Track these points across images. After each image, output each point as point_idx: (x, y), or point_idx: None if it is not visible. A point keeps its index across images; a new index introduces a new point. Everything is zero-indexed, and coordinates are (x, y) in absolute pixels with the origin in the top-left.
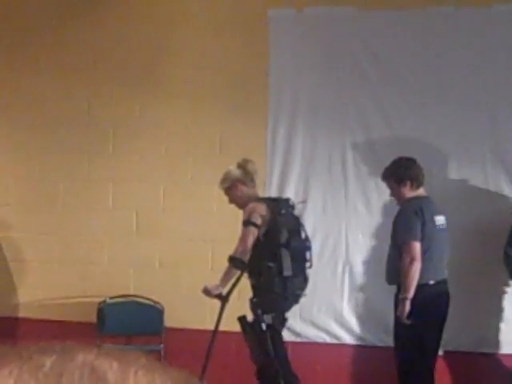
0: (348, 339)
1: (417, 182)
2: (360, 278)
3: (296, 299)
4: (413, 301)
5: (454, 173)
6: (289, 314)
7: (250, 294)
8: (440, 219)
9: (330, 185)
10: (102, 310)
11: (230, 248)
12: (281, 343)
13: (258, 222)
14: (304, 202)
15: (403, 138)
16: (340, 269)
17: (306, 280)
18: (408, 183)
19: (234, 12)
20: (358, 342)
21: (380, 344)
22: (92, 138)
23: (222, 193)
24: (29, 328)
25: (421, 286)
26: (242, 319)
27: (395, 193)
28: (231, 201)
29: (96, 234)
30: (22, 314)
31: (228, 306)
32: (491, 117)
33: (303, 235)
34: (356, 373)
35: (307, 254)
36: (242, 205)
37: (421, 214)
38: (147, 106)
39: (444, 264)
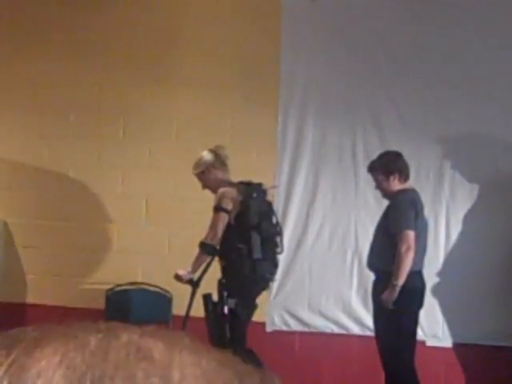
0: (356, 329)
1: (405, 174)
2: None
3: (265, 284)
4: (401, 287)
5: (463, 164)
6: (297, 304)
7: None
8: (425, 212)
9: (339, 175)
10: (111, 297)
11: None
12: (241, 330)
13: (229, 207)
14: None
15: (414, 129)
16: (349, 259)
17: (275, 265)
18: (397, 176)
19: None
20: (366, 333)
21: None
22: (102, 124)
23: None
24: (37, 314)
25: (409, 274)
26: (206, 297)
27: (383, 185)
28: (204, 186)
29: (105, 220)
30: (30, 299)
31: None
32: (504, 107)
33: (274, 220)
34: (364, 363)
35: (277, 239)
36: (215, 189)
37: (415, 205)
38: (158, 93)
39: (424, 256)
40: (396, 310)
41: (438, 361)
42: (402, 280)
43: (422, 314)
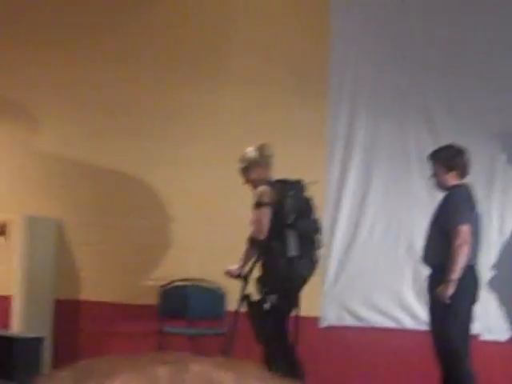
0: (411, 324)
1: (464, 172)
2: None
3: (303, 280)
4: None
5: None
6: (351, 299)
7: None
8: (479, 208)
9: (391, 171)
10: (165, 292)
11: None
12: (284, 324)
13: (270, 201)
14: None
15: (466, 124)
16: (402, 253)
17: (313, 261)
18: (456, 172)
19: None
20: (421, 327)
21: None
22: (153, 124)
23: None
24: (92, 310)
25: (464, 268)
26: (246, 298)
27: (440, 178)
28: (246, 181)
29: (159, 217)
30: (84, 296)
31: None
32: None
33: (313, 217)
34: (418, 358)
35: (316, 236)
36: (255, 186)
37: (470, 200)
38: (209, 90)
39: (479, 251)
40: (451, 304)
41: (492, 355)
42: (457, 274)
43: (477, 308)
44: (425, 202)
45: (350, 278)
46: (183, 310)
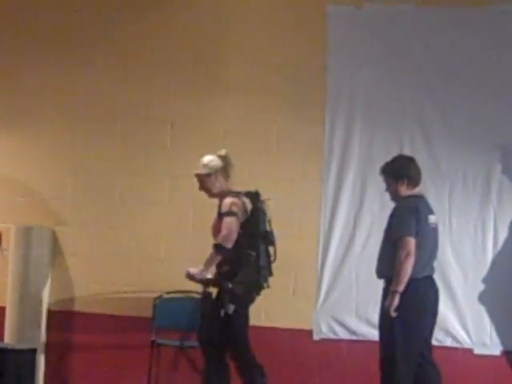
0: None
1: (414, 181)
2: None
3: (259, 291)
4: (402, 294)
5: (511, 170)
6: (344, 312)
7: None
8: (432, 218)
9: None
10: (158, 305)
11: (288, 244)
12: (242, 336)
13: (239, 213)
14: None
15: (461, 137)
16: None
17: (271, 273)
18: (405, 181)
19: (292, 7)
20: None
21: (436, 343)
22: (150, 132)
23: (279, 188)
24: (84, 322)
25: (411, 281)
26: (207, 296)
27: (391, 189)
28: (203, 188)
29: (152, 228)
30: (77, 308)
31: None
32: None
33: (269, 230)
34: None
35: (271, 249)
36: (215, 194)
37: (416, 211)
38: (205, 100)
39: (433, 261)
40: (398, 317)
41: (486, 369)
42: (401, 287)
43: (470, 321)
44: None
45: (343, 290)
46: (176, 323)
